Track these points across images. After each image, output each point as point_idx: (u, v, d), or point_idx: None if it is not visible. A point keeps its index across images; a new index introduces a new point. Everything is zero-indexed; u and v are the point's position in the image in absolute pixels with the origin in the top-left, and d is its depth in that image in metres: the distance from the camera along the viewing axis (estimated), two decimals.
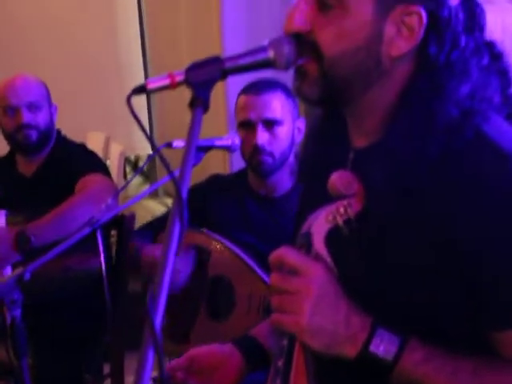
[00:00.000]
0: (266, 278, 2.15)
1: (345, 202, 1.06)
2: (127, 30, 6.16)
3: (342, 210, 1.06)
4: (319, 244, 1.07)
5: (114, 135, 4.81)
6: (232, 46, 3.19)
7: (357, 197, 1.06)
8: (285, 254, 1.07)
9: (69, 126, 3.17)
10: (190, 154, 0.89)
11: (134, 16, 6.10)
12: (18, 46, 5.82)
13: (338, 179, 1.06)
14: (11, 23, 5.83)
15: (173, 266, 0.82)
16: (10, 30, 5.81)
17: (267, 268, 1.11)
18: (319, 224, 1.07)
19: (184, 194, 0.86)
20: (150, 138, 0.96)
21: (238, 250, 2.22)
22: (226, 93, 3.15)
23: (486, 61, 1.09)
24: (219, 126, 3.26)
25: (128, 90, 0.99)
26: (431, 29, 1.07)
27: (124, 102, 0.97)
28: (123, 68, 6.18)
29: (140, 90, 0.99)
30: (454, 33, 1.07)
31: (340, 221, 1.06)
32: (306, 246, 1.09)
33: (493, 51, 1.12)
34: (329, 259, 1.06)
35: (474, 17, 1.10)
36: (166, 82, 0.99)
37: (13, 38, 5.82)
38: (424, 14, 1.06)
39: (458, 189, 1.01)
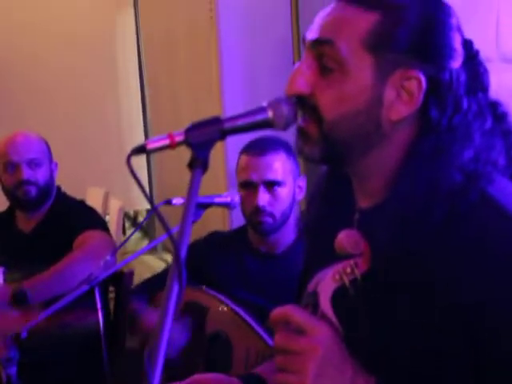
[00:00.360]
0: (265, 335, 2.14)
1: (351, 262, 1.06)
2: (128, 88, 6.24)
3: (348, 269, 1.05)
4: (325, 304, 1.06)
5: (113, 190, 4.83)
6: (232, 106, 3.22)
7: (363, 256, 1.06)
8: (290, 312, 1.05)
9: (69, 180, 3.18)
10: (188, 215, 0.90)
11: (134, 76, 6.19)
12: (20, 103, 5.88)
13: (345, 238, 1.06)
14: (14, 80, 5.90)
15: (170, 328, 0.82)
16: (12, 87, 5.88)
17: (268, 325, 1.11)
18: (326, 283, 1.07)
19: (183, 254, 0.86)
20: (149, 197, 0.96)
21: (235, 307, 2.21)
22: (226, 150, 3.18)
23: (489, 124, 1.09)
24: (218, 182, 3.28)
25: (127, 146, 1.00)
26: (432, 93, 1.07)
27: (123, 157, 0.98)
28: (123, 124, 6.23)
29: (140, 150, 1.00)
30: (455, 96, 1.07)
31: (346, 280, 1.05)
32: (313, 306, 1.08)
33: (496, 112, 1.12)
34: (334, 319, 1.05)
35: (477, 77, 1.11)
36: (166, 142, 1.00)
37: (15, 95, 5.88)
38: (423, 79, 1.07)
39: (463, 252, 1.01)
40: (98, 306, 2.49)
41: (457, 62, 1.09)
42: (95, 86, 6.06)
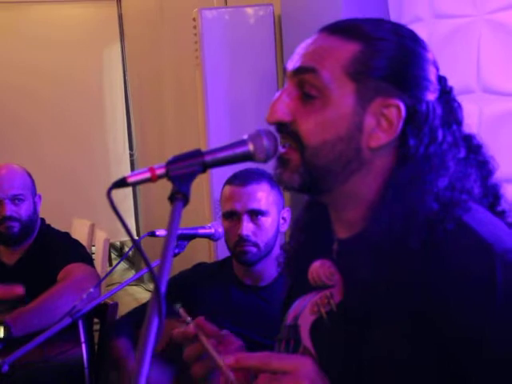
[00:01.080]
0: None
1: (328, 293, 1.06)
2: (114, 121, 6.28)
3: (325, 300, 1.05)
4: (305, 337, 1.05)
5: (98, 222, 4.83)
6: (217, 140, 3.23)
7: (337, 287, 1.06)
8: (266, 361, 1.02)
9: (55, 212, 3.18)
10: (169, 248, 0.90)
11: (121, 109, 6.24)
12: (9, 135, 5.91)
13: (320, 269, 1.06)
14: (2, 114, 5.92)
15: (149, 363, 0.81)
16: (1, 120, 5.91)
17: None
18: (305, 316, 1.06)
19: (163, 288, 0.86)
20: (129, 230, 0.96)
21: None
22: (211, 181, 3.18)
23: (462, 154, 1.12)
24: (204, 214, 3.28)
25: (114, 178, 1.00)
26: (410, 122, 1.10)
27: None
28: (110, 156, 6.25)
29: (120, 183, 0.99)
30: (431, 127, 1.10)
31: (323, 312, 1.05)
32: (295, 340, 1.07)
33: (471, 144, 1.14)
34: (313, 351, 1.05)
35: (451, 111, 1.13)
36: (147, 175, 1.00)
37: (4, 128, 5.91)
38: (403, 107, 1.09)
39: (441, 279, 1.01)
40: (82, 338, 2.47)
41: (432, 95, 1.12)
42: (82, 119, 6.10)
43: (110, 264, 6.04)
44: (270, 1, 3.37)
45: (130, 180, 1.00)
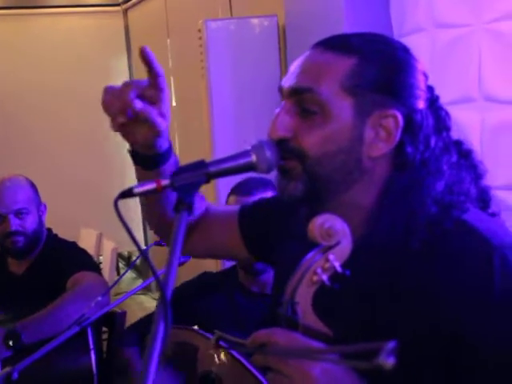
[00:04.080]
0: (258, 374, 2.13)
1: (326, 257, 1.01)
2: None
3: (326, 265, 1.01)
4: (307, 313, 1.01)
5: (106, 231, 4.85)
6: (222, 151, 3.25)
7: (342, 243, 1.01)
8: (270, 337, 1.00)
9: (63, 222, 3.19)
10: (174, 257, 0.92)
11: None
12: (20, 146, 5.94)
13: (317, 228, 1.00)
14: (17, 126, 5.97)
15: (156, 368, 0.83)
16: (13, 132, 5.95)
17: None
18: (303, 291, 1.02)
19: (168, 294, 0.89)
20: (136, 240, 0.99)
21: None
22: (217, 191, 3.21)
23: (454, 158, 1.16)
24: None
25: (120, 189, 1.03)
26: (406, 131, 1.13)
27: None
28: (116, 166, 6.27)
29: (127, 193, 1.03)
30: (425, 134, 1.14)
31: (325, 278, 1.01)
32: (292, 318, 1.02)
33: (461, 149, 1.18)
34: (321, 325, 1.01)
35: (439, 118, 1.17)
36: (153, 186, 1.04)
37: (16, 140, 5.95)
38: (400, 117, 1.12)
39: (439, 273, 1.05)
40: (91, 346, 2.49)
41: (424, 103, 1.15)
42: (89, 130, 6.12)
43: (118, 273, 6.06)
44: (274, 12, 3.40)
45: (137, 190, 1.03)
